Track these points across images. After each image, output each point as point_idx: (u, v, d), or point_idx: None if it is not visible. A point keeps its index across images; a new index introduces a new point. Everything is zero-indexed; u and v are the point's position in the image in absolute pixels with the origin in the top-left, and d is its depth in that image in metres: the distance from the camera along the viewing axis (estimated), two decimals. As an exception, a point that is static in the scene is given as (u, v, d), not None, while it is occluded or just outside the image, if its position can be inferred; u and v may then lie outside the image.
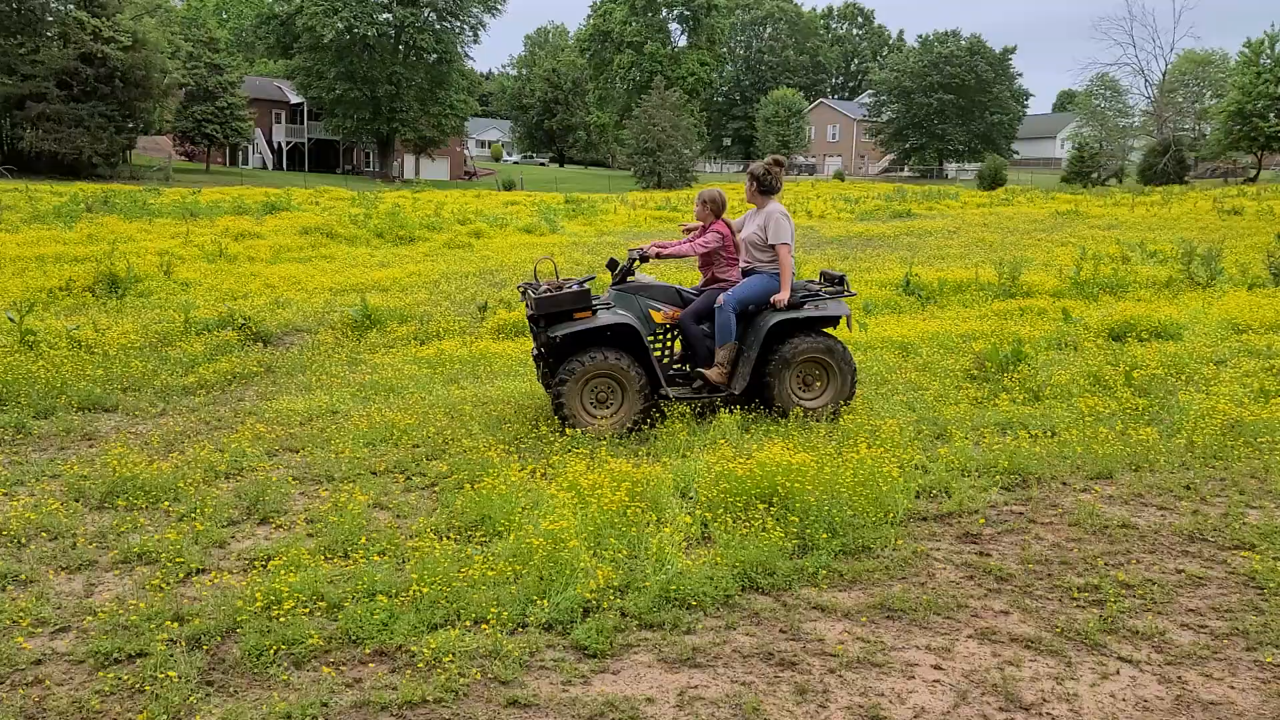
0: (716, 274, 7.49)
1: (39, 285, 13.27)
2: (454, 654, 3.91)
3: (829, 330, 7.50)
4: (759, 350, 7.20)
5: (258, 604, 4.21)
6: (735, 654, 4.03)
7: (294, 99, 77.18)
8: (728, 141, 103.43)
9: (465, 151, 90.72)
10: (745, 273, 7.47)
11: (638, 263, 7.34)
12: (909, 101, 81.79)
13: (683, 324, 7.39)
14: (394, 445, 6.88)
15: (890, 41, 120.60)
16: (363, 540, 5.01)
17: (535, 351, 7.59)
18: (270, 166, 75.95)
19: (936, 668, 3.90)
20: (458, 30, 74.39)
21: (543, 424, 7.09)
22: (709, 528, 5.22)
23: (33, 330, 9.66)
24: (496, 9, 76.28)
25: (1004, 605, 4.44)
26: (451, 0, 72.15)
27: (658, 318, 7.36)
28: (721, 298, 7.23)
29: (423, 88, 71.66)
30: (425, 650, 3.92)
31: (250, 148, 75.32)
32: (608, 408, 7.09)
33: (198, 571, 4.75)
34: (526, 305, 7.28)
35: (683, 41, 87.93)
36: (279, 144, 78.21)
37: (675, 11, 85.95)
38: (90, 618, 4.22)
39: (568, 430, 6.88)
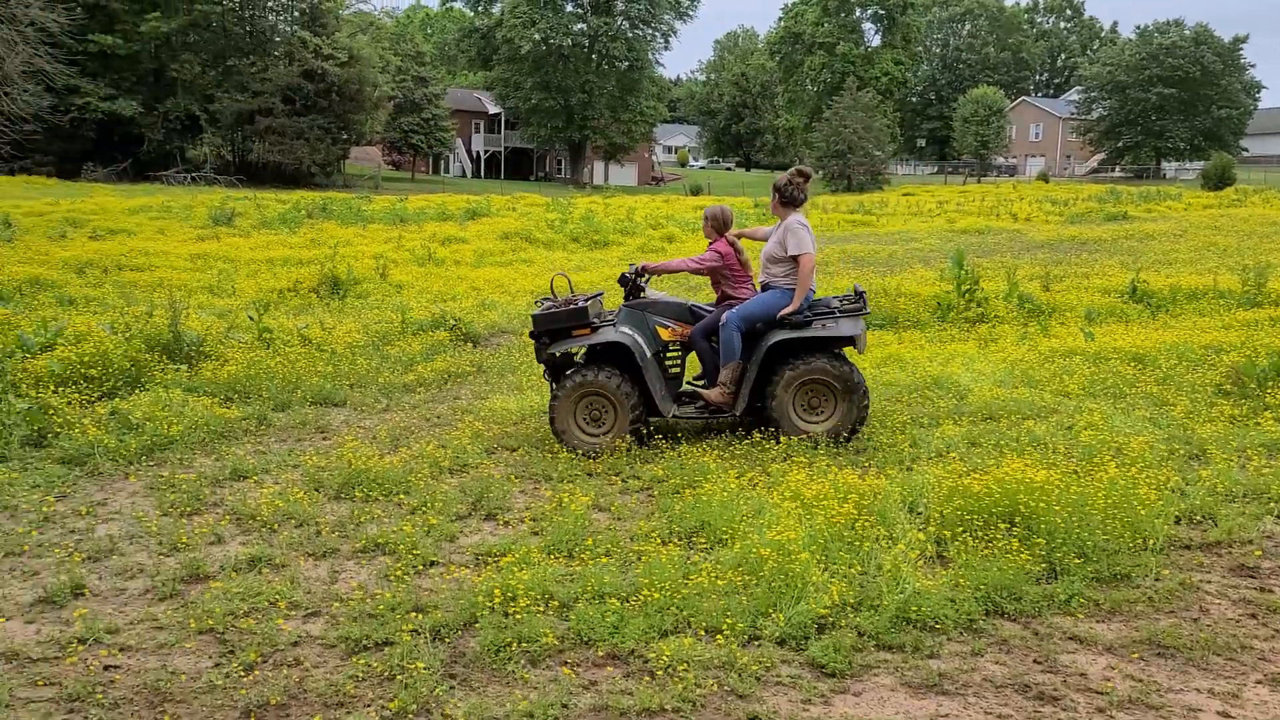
0: (726, 291, 7.18)
1: (270, 286, 14.24)
2: (688, 663, 3.82)
3: (844, 350, 6.98)
4: (759, 370, 6.79)
5: (496, 600, 4.26)
6: (986, 683, 3.75)
7: (492, 109, 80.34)
8: (922, 143, 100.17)
9: (653, 157, 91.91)
10: (764, 288, 7.06)
11: (639, 278, 7.12)
12: (1123, 97, 76.41)
13: (693, 341, 7.08)
14: (607, 448, 6.90)
15: (1102, 34, 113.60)
16: (588, 541, 5.01)
17: (544, 370, 7.40)
18: (469, 174, 79.36)
19: (1224, 715, 3.50)
20: (649, 38, 75.45)
21: (756, 431, 6.94)
22: (944, 546, 4.93)
23: (269, 329, 10.31)
24: (688, 15, 76.95)
25: (1298, 650, 3.95)
26: (644, 8, 73.27)
27: (666, 335, 7.06)
28: (725, 315, 6.86)
29: (614, 95, 73.06)
30: (661, 657, 3.84)
31: (451, 156, 78.95)
32: (600, 426, 6.86)
33: (432, 564, 4.88)
34: None
35: (876, 41, 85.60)
36: (478, 153, 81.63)
37: (869, 11, 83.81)
38: (338, 604, 4.40)
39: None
